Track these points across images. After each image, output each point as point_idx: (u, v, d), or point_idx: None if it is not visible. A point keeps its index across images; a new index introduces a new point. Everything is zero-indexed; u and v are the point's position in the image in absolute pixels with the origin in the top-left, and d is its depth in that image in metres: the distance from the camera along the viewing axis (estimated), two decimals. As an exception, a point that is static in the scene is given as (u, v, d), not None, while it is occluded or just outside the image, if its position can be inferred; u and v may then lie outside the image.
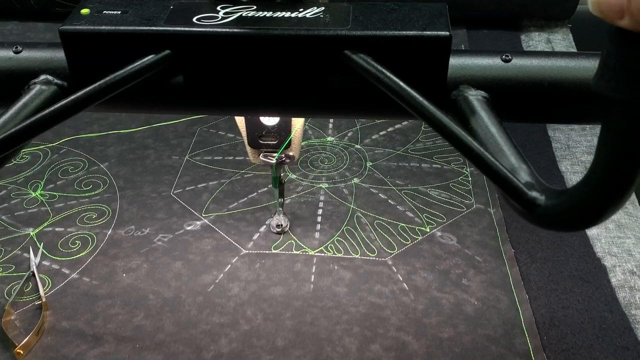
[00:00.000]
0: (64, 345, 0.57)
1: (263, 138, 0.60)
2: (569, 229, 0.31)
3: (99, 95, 0.36)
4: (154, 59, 0.37)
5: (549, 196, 0.31)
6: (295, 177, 0.78)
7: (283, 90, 0.39)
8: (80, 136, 0.86)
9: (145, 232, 0.70)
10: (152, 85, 0.39)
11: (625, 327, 0.58)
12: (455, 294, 0.61)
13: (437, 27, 0.36)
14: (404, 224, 0.70)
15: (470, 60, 0.39)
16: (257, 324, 0.59)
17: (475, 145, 0.32)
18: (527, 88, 0.38)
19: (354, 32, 0.36)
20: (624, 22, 0.22)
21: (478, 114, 0.36)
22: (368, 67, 0.35)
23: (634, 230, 0.69)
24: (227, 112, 0.44)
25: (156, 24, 0.38)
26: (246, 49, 0.37)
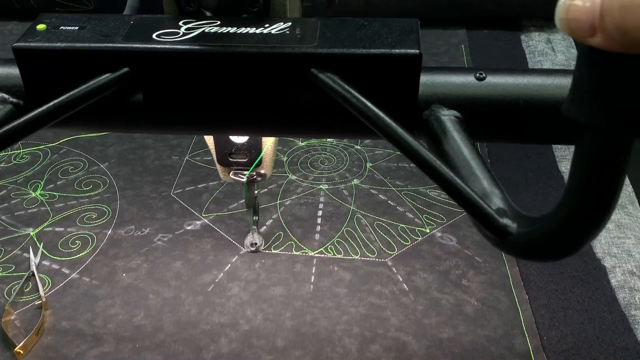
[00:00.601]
0: (64, 345, 0.57)
1: (233, 156, 0.58)
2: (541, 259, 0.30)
3: (54, 114, 0.34)
4: (111, 77, 0.36)
5: (521, 224, 0.29)
6: (295, 178, 0.78)
7: (247, 109, 0.37)
8: (80, 136, 0.86)
9: (145, 232, 0.70)
10: (111, 104, 0.38)
11: (625, 328, 0.58)
12: (455, 294, 0.61)
13: (407, 44, 0.35)
14: (404, 225, 0.70)
15: (443, 79, 0.37)
16: (257, 324, 0.59)
17: (445, 171, 0.31)
18: (501, 107, 0.36)
19: (320, 50, 0.35)
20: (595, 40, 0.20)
21: (450, 135, 0.35)
22: (334, 87, 0.34)
23: (634, 231, 0.69)
24: (189, 131, 0.42)
25: (114, 41, 0.36)
26: (207, 66, 0.36)
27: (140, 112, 0.38)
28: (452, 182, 0.30)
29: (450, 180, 0.30)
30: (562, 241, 0.27)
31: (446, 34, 1.08)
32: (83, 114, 0.36)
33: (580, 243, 0.27)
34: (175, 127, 0.41)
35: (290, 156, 0.81)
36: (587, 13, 0.19)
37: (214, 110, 0.38)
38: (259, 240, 0.68)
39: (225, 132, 0.52)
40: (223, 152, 0.58)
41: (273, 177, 0.77)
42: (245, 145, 0.57)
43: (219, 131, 0.48)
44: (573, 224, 0.26)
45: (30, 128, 0.34)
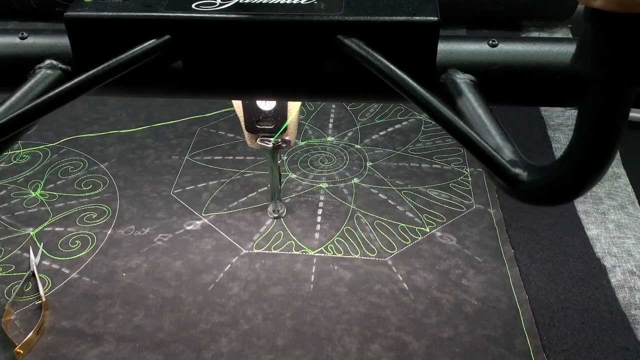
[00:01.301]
0: (64, 345, 0.57)
1: (260, 123, 0.61)
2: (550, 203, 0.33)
3: (100, 78, 0.37)
4: (154, 44, 0.38)
5: (531, 172, 0.32)
6: (295, 176, 0.78)
7: (278, 74, 0.40)
8: (80, 136, 0.86)
9: (145, 232, 0.70)
10: (153, 70, 0.40)
11: (625, 328, 0.58)
12: (455, 294, 0.61)
13: (426, 12, 0.38)
14: (404, 224, 0.70)
15: (458, 45, 0.40)
16: (257, 323, 0.59)
17: (462, 125, 0.33)
18: (512, 72, 0.39)
19: (346, 18, 0.37)
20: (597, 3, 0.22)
21: (465, 97, 0.37)
22: (360, 51, 0.36)
23: (634, 231, 0.69)
24: (224, 95, 0.45)
25: (156, 10, 0.39)
26: (242, 34, 0.38)
27: (180, 77, 0.41)
28: (468, 135, 0.33)
29: (467, 134, 0.33)
30: (568, 186, 0.30)
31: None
32: (127, 79, 0.39)
33: (584, 187, 0.29)
34: (211, 92, 0.43)
35: (290, 155, 0.81)
36: None
37: (249, 75, 0.40)
38: (281, 207, 0.71)
39: (259, 97, 0.55)
40: (251, 119, 0.61)
41: (273, 177, 0.77)
42: (272, 113, 0.60)
43: (253, 96, 0.51)
44: (578, 169, 0.28)
45: (79, 91, 0.37)
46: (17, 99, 0.38)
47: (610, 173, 0.77)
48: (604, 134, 0.27)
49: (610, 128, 0.27)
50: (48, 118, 0.90)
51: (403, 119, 0.87)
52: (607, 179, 0.76)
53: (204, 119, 0.89)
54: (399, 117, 0.88)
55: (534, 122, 0.86)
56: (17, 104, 0.38)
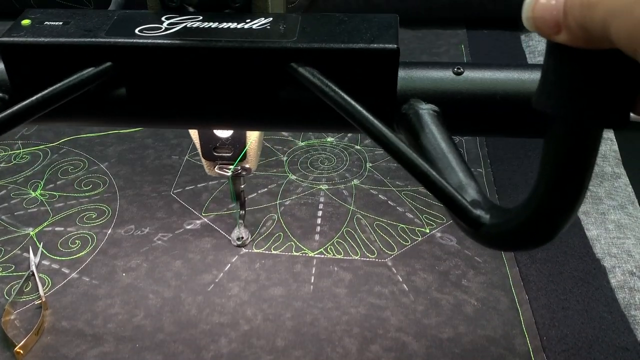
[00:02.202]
0: (64, 345, 0.57)
1: (217, 150, 0.59)
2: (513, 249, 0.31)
3: (39, 107, 0.35)
4: (94, 71, 0.36)
5: (494, 215, 0.30)
6: (295, 178, 0.78)
7: (229, 103, 0.38)
8: (80, 136, 0.86)
9: (145, 232, 0.70)
10: (94, 98, 0.38)
11: (624, 328, 0.58)
12: (455, 294, 0.61)
13: (385, 39, 0.35)
14: (404, 225, 0.70)
15: (421, 73, 0.38)
16: (257, 324, 0.59)
17: (421, 163, 0.32)
18: (479, 101, 0.37)
19: (299, 45, 0.35)
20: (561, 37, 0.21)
21: (428, 129, 0.36)
22: (313, 80, 0.35)
23: (634, 231, 0.69)
24: (172, 125, 0.43)
25: (97, 35, 0.37)
26: (188, 60, 0.36)
27: (123, 105, 0.39)
28: (427, 174, 0.31)
29: (426, 173, 0.31)
30: (532, 231, 0.28)
31: (446, 34, 1.08)
32: (67, 107, 0.36)
33: (550, 233, 0.27)
34: (157, 121, 0.41)
35: (290, 156, 0.81)
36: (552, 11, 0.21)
37: (196, 104, 0.38)
38: (245, 234, 0.68)
39: (207, 126, 0.53)
40: (208, 146, 0.59)
41: (273, 177, 0.77)
42: (229, 140, 0.58)
43: (202, 125, 0.49)
44: (543, 214, 0.27)
45: (15, 121, 0.35)
46: None
47: (610, 173, 0.77)
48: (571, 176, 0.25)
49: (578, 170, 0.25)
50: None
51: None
52: (607, 179, 0.76)
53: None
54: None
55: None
56: None
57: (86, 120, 0.42)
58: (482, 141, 0.83)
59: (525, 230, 0.28)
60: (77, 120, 0.42)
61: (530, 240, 0.29)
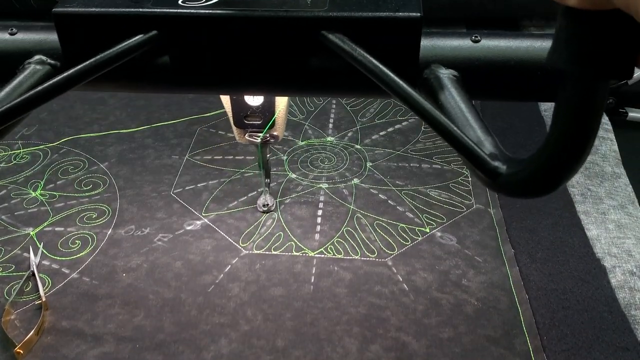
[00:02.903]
0: (64, 345, 0.57)
1: (248, 118, 0.62)
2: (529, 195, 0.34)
3: (87, 73, 0.37)
4: (141, 39, 0.39)
5: (510, 165, 0.32)
6: (295, 176, 0.78)
7: (264, 69, 0.41)
8: (80, 136, 0.86)
9: (145, 232, 0.70)
10: (140, 65, 0.41)
11: (625, 328, 0.58)
12: (455, 294, 0.61)
13: (409, 8, 0.38)
14: (404, 225, 0.70)
15: (441, 41, 0.41)
16: (257, 324, 0.59)
17: (443, 119, 0.34)
18: (494, 67, 0.40)
19: (330, 14, 0.38)
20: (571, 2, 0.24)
21: (448, 92, 0.38)
22: (343, 47, 0.37)
23: (634, 231, 0.69)
24: (210, 91, 0.46)
25: (143, 6, 0.39)
26: (227, 29, 0.39)
27: (167, 73, 0.41)
28: (450, 129, 0.34)
29: (448, 128, 0.34)
30: (545, 178, 0.30)
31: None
32: (115, 74, 0.39)
33: (560, 179, 0.30)
34: (198, 87, 0.44)
35: (290, 155, 0.81)
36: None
37: (235, 71, 0.41)
38: (270, 201, 0.72)
39: (244, 92, 0.55)
40: (239, 114, 0.62)
41: (273, 176, 0.77)
42: (259, 108, 0.61)
43: (239, 91, 0.52)
44: (555, 162, 0.29)
45: (66, 85, 0.37)
46: (6, 94, 0.39)
47: (611, 173, 0.77)
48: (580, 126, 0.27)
49: (586, 120, 0.27)
50: (48, 118, 0.90)
51: (403, 119, 0.87)
52: (607, 179, 0.76)
53: (204, 119, 0.89)
54: (399, 117, 0.88)
55: (534, 122, 0.86)
56: (6, 98, 0.38)
57: (132, 87, 0.44)
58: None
59: (538, 177, 0.30)
60: (123, 87, 0.44)
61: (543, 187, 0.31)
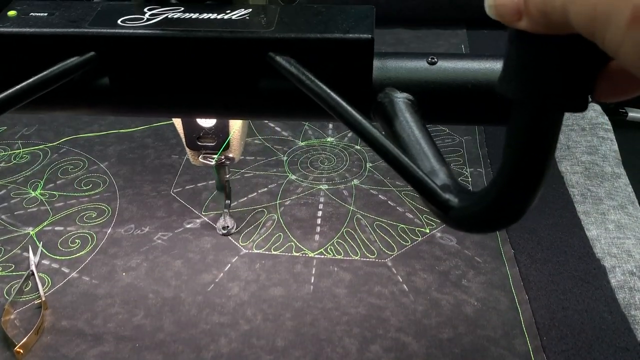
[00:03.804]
0: (64, 345, 0.57)
1: (201, 139, 0.60)
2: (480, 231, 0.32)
3: (24, 95, 0.36)
4: (78, 61, 0.37)
5: (462, 198, 0.31)
6: (295, 178, 0.78)
7: (210, 91, 0.39)
8: (80, 136, 0.86)
9: (145, 231, 0.70)
10: (79, 87, 0.40)
11: (625, 328, 0.58)
12: (455, 294, 0.61)
13: (360, 29, 0.36)
14: (404, 225, 0.70)
15: (396, 63, 0.39)
16: (257, 324, 0.59)
17: (393, 149, 0.32)
18: (451, 90, 0.38)
19: (277, 35, 0.36)
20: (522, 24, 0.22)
21: (403, 117, 0.37)
22: (290, 69, 0.36)
23: (634, 231, 0.69)
24: (154, 114, 0.44)
25: (80, 26, 0.38)
26: (169, 50, 0.37)
27: (106, 94, 0.40)
28: (399, 159, 0.32)
29: (397, 158, 0.32)
30: (497, 213, 0.29)
31: (446, 34, 1.08)
32: (52, 96, 0.38)
33: (513, 215, 0.29)
34: (140, 110, 0.42)
35: (290, 156, 0.81)
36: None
37: (178, 93, 0.39)
38: (230, 223, 0.69)
39: (189, 115, 0.54)
40: (191, 136, 0.60)
41: (273, 177, 0.77)
42: (212, 129, 0.59)
43: (183, 114, 0.50)
44: (506, 197, 0.28)
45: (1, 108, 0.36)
46: None
47: (611, 173, 0.77)
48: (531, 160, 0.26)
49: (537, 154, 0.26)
50: (48, 118, 0.90)
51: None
52: (607, 179, 0.77)
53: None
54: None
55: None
56: None
57: (70, 109, 0.43)
58: (482, 141, 0.83)
59: (490, 212, 0.29)
60: (61, 109, 0.43)
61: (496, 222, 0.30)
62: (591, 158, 0.80)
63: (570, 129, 0.86)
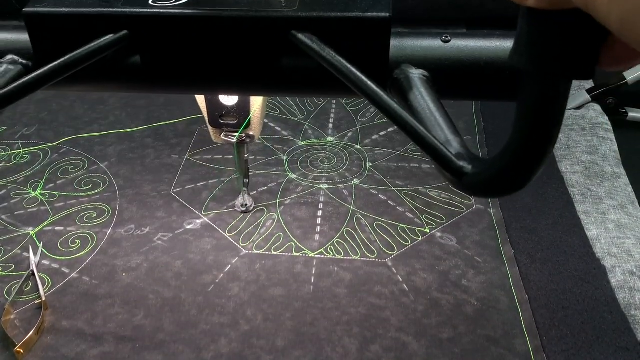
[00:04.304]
0: (64, 345, 0.57)
1: (223, 118, 0.62)
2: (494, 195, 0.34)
3: (58, 72, 0.38)
4: (111, 39, 0.39)
5: (476, 165, 0.33)
6: (295, 177, 0.78)
7: (235, 68, 0.41)
8: (80, 136, 0.86)
9: (145, 231, 0.70)
10: (111, 64, 0.41)
11: (625, 328, 0.58)
12: (455, 294, 0.61)
13: (379, 8, 0.38)
14: (404, 225, 0.70)
15: (412, 42, 0.41)
16: (257, 324, 0.59)
17: (410, 119, 0.34)
18: (464, 67, 0.40)
19: (300, 14, 0.38)
20: (530, 2, 0.24)
21: (418, 92, 0.38)
22: (312, 46, 0.37)
23: (634, 231, 0.69)
24: (181, 90, 0.47)
25: (114, 6, 0.40)
26: (197, 29, 0.39)
27: (138, 72, 0.42)
28: (416, 129, 0.34)
29: (414, 128, 0.34)
30: (508, 178, 0.30)
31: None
32: (86, 73, 0.39)
33: (523, 180, 0.30)
34: (169, 87, 0.44)
35: (290, 155, 0.81)
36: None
37: (205, 70, 0.41)
38: (249, 201, 0.72)
39: (215, 92, 0.56)
40: (214, 114, 0.63)
41: (273, 176, 0.77)
42: (234, 108, 0.61)
43: (210, 90, 0.52)
44: (517, 162, 0.29)
45: (37, 84, 0.38)
46: None
47: (611, 173, 0.77)
48: (541, 126, 0.28)
49: (547, 120, 0.27)
50: (48, 118, 0.90)
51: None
52: (607, 179, 0.77)
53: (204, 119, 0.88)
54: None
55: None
56: None
57: (103, 86, 0.45)
58: (482, 141, 0.83)
59: (502, 177, 0.31)
60: (95, 86, 0.45)
61: (507, 187, 0.31)
62: (591, 158, 0.80)
63: (570, 129, 0.86)
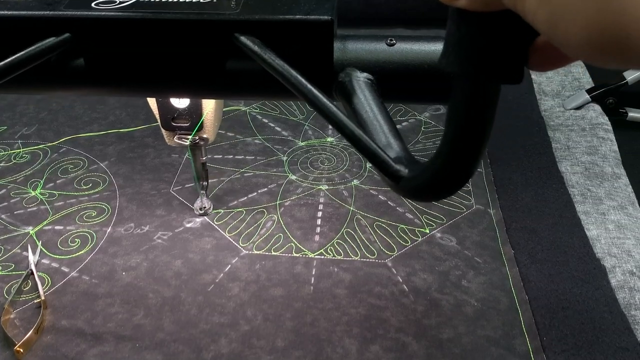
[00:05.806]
0: (64, 344, 0.57)
1: (176, 120, 0.62)
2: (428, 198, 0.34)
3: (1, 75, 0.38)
4: (53, 42, 0.39)
5: (412, 169, 0.33)
6: (295, 178, 0.77)
7: (179, 71, 0.41)
8: (80, 135, 0.86)
9: (145, 230, 0.70)
10: (55, 67, 0.41)
11: (625, 328, 0.58)
12: (455, 295, 0.61)
13: (321, 11, 0.38)
14: (404, 226, 0.70)
15: (356, 45, 0.41)
16: (257, 324, 0.59)
17: (349, 123, 0.34)
18: (408, 70, 0.40)
19: (241, 17, 0.38)
20: (460, 3, 0.23)
21: (362, 95, 0.38)
22: (255, 49, 0.37)
23: (634, 231, 0.69)
24: (127, 93, 0.47)
25: (56, 8, 0.40)
26: (139, 32, 0.39)
27: (82, 75, 0.42)
28: (354, 132, 0.34)
29: (353, 131, 0.34)
30: (441, 182, 0.31)
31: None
32: (30, 76, 0.39)
33: (456, 184, 0.30)
34: (113, 89, 0.44)
35: (290, 156, 0.81)
36: None
37: (150, 73, 0.41)
38: (207, 204, 0.72)
39: (160, 95, 0.56)
40: (166, 116, 0.62)
41: (273, 177, 0.77)
42: (186, 110, 0.61)
43: (155, 93, 0.52)
44: (448, 166, 0.29)
45: None
46: None
47: (610, 173, 0.77)
48: (470, 130, 0.27)
49: (476, 124, 0.27)
50: (48, 118, 0.90)
51: (403, 119, 0.87)
52: (607, 179, 0.77)
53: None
54: (399, 117, 0.88)
55: (534, 122, 0.86)
56: None
57: (48, 89, 0.44)
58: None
59: (435, 181, 0.31)
60: (39, 89, 0.45)
61: (440, 191, 0.32)
62: (591, 158, 0.80)
63: (570, 129, 0.86)
